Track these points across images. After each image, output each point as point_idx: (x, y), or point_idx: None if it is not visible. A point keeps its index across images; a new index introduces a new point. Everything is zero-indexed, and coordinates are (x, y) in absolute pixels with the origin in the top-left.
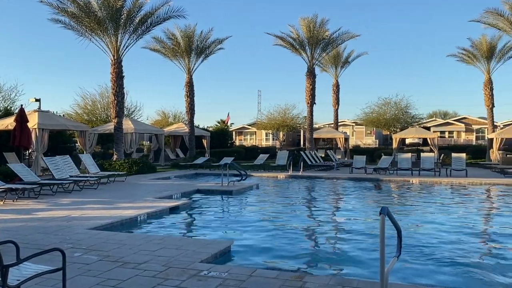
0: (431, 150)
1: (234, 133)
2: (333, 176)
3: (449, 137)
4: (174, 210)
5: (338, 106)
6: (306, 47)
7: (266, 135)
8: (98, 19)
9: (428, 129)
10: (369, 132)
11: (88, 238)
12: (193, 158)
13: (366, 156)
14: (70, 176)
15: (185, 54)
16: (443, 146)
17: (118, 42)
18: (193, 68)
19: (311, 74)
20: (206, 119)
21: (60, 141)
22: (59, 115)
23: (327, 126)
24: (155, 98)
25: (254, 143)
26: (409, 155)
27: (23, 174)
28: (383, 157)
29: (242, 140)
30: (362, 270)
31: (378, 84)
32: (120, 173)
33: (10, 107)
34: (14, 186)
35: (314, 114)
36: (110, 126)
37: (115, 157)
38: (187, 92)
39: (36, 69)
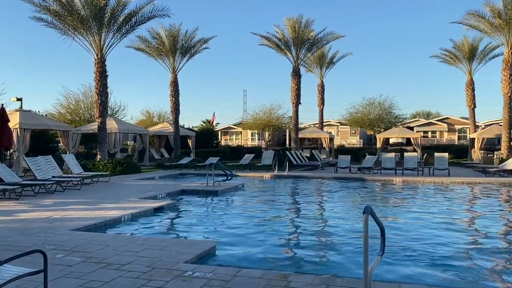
0: (415, 150)
1: (219, 133)
2: (318, 175)
3: (432, 137)
4: (158, 210)
5: (323, 106)
6: (292, 47)
7: (252, 135)
8: (81, 18)
9: (411, 129)
10: (353, 132)
11: (70, 240)
12: (178, 158)
13: (350, 155)
14: (53, 176)
15: (170, 54)
16: (426, 146)
17: (102, 41)
18: (178, 67)
19: (297, 74)
20: (191, 119)
21: (42, 141)
22: (42, 115)
23: (312, 126)
24: (140, 97)
25: (239, 143)
26: (392, 155)
27: (4, 175)
28: (367, 156)
29: (227, 140)
30: (346, 269)
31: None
32: (104, 173)
33: None
34: None
35: (300, 114)
36: (93, 126)
37: (99, 157)
38: (172, 91)
39: (17, 68)
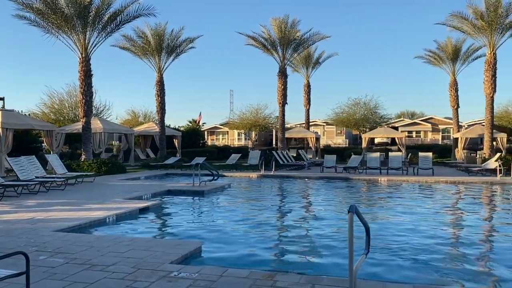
0: (399, 150)
1: (206, 133)
2: (304, 175)
3: (416, 136)
4: (144, 211)
5: (310, 106)
6: (278, 48)
7: (239, 135)
8: (65, 16)
9: (396, 129)
10: (339, 132)
11: (54, 241)
12: (164, 158)
13: (336, 155)
14: (36, 177)
15: (155, 53)
16: (411, 146)
17: (87, 40)
18: (163, 67)
19: (283, 75)
20: (177, 119)
21: (25, 141)
22: (25, 114)
23: (299, 126)
24: (125, 97)
25: (226, 143)
26: (377, 155)
27: None
28: (353, 156)
29: (214, 140)
30: (331, 268)
31: (348, 84)
32: (88, 173)
33: None
34: None
35: (286, 114)
36: (78, 126)
37: (83, 157)
38: (158, 91)
39: None
